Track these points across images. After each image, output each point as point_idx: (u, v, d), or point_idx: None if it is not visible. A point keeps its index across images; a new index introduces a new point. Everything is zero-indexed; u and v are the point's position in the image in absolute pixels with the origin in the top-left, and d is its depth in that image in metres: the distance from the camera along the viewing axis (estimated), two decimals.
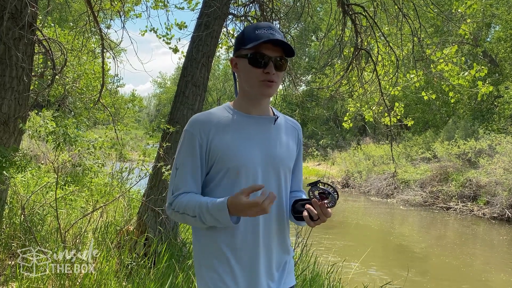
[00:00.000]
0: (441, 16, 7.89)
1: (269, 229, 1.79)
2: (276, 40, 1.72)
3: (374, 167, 22.05)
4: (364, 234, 12.85)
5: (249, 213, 1.58)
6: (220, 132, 1.76)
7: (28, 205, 5.05)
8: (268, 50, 1.73)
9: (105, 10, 7.06)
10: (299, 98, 10.96)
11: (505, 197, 14.38)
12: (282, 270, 1.86)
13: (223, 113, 1.83)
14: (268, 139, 1.82)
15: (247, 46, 1.73)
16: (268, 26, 1.76)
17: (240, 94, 1.87)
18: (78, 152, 4.58)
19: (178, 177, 1.76)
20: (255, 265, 1.75)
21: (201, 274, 1.79)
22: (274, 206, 1.78)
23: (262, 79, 1.74)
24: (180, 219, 1.76)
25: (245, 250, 1.74)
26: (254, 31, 1.74)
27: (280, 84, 1.92)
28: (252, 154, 1.76)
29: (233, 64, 1.85)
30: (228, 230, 1.74)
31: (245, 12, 6.60)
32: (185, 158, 1.76)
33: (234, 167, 1.72)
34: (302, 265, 5.50)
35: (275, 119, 1.87)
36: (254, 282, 1.75)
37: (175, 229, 5.24)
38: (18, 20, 4.36)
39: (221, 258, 1.75)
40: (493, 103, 21.86)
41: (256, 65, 1.74)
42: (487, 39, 25.48)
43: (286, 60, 1.79)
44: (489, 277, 9.06)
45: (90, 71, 9.98)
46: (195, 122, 1.78)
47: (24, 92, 4.50)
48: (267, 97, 1.81)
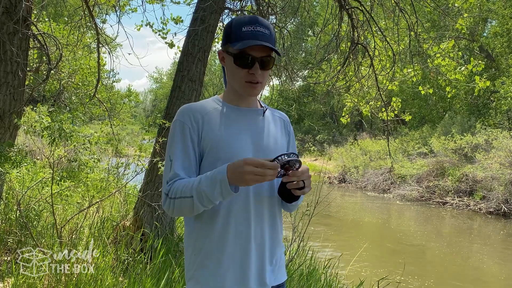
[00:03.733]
0: (437, 10, 7.87)
1: (261, 222, 1.78)
2: (261, 46, 1.70)
3: (370, 162, 22.09)
4: (361, 229, 12.88)
5: (248, 175, 1.53)
6: (210, 123, 1.76)
7: (23, 200, 5.02)
8: (254, 51, 1.72)
9: (101, 4, 7.01)
10: (295, 93, 10.96)
11: (501, 192, 14.43)
12: (275, 264, 1.84)
13: (212, 104, 1.83)
14: (257, 131, 1.82)
15: (233, 44, 1.72)
16: (255, 22, 1.73)
17: (229, 87, 1.87)
18: (74, 147, 4.55)
19: (173, 167, 1.73)
20: (246, 259, 1.74)
21: (191, 269, 1.79)
22: (265, 198, 1.78)
23: (247, 80, 1.74)
24: (177, 208, 1.69)
25: (237, 243, 1.73)
26: (241, 28, 1.72)
27: (267, 81, 1.91)
28: (243, 145, 1.76)
29: (221, 58, 1.85)
30: (219, 224, 1.72)
31: (241, 7, 6.58)
32: (178, 148, 1.74)
33: (225, 158, 1.70)
34: (299, 260, 5.50)
35: (263, 111, 1.87)
36: (244, 277, 1.74)
37: (171, 224, 5.24)
38: (13, 15, 4.33)
39: (212, 253, 1.74)
40: (490, 98, 21.90)
41: (241, 65, 1.73)
42: (484, 34, 25.49)
43: (272, 59, 1.78)
44: (485, 271, 9.10)
45: (86, 66, 9.93)
46: (185, 111, 1.78)
47: (19, 87, 4.47)
48: (251, 97, 1.83)
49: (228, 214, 1.72)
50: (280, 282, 1.87)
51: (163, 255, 4.31)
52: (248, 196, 1.74)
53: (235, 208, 1.72)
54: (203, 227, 1.75)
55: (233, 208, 1.72)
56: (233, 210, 1.72)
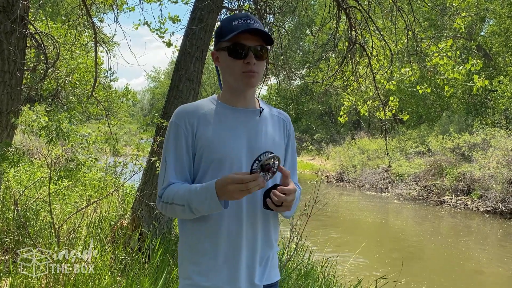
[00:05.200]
0: (435, 10, 7.88)
1: (253, 222, 1.77)
2: (253, 29, 1.71)
3: (368, 161, 22.10)
4: (359, 228, 12.89)
5: (233, 193, 1.55)
6: (205, 123, 1.76)
7: (21, 200, 5.01)
8: (247, 40, 1.72)
9: (98, 3, 7.01)
10: (293, 92, 10.97)
11: (498, 190, 14.45)
12: (265, 264, 1.83)
13: (209, 105, 1.83)
14: (253, 131, 1.81)
15: (225, 38, 1.72)
16: (245, 16, 1.75)
17: (225, 87, 1.86)
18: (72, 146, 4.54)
19: (167, 170, 1.75)
20: (237, 258, 1.74)
21: (184, 266, 1.80)
22: (259, 199, 1.77)
23: (243, 70, 1.74)
24: (170, 211, 1.73)
25: (228, 242, 1.73)
26: (231, 23, 1.73)
27: (263, 74, 1.91)
28: (237, 145, 1.75)
29: (215, 58, 1.84)
30: (212, 223, 1.73)
31: (239, 6, 6.57)
32: (173, 150, 1.75)
33: (219, 158, 1.72)
34: (297, 259, 5.50)
35: (260, 111, 1.86)
36: (234, 275, 1.74)
37: (169, 223, 5.23)
38: (10, 14, 4.32)
39: (204, 251, 1.74)
40: (487, 97, 21.92)
41: (236, 56, 1.73)
42: (481, 33, 25.52)
43: (266, 49, 1.78)
44: (483, 270, 9.12)
45: (83, 65, 9.92)
46: (180, 113, 1.78)
47: (17, 86, 4.46)
48: (250, 88, 1.81)
49: (221, 214, 1.72)
50: (271, 281, 1.86)
51: (161, 255, 4.30)
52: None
53: (227, 208, 1.72)
54: (196, 225, 1.76)
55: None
56: (226, 210, 1.71)
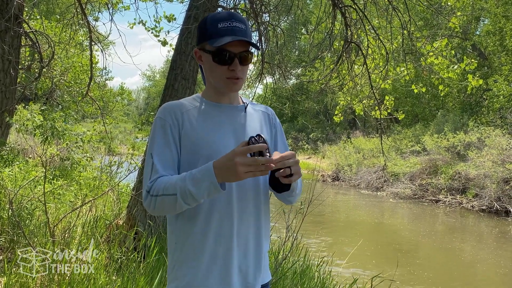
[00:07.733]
0: (430, 9, 7.90)
1: (244, 219, 1.75)
2: (239, 41, 1.69)
3: (364, 160, 22.15)
4: (354, 227, 12.92)
5: (240, 167, 1.50)
6: (191, 120, 1.74)
7: (16, 199, 4.99)
8: (232, 47, 1.70)
9: (93, 2, 6.99)
10: (289, 91, 10.96)
11: (493, 189, 14.51)
12: (258, 264, 1.80)
13: (193, 102, 1.82)
14: (240, 127, 1.80)
15: (210, 42, 1.70)
16: (230, 18, 1.71)
17: (208, 84, 1.85)
18: (66, 145, 4.53)
19: (155, 164, 1.70)
20: (228, 258, 1.71)
21: (173, 267, 1.77)
22: (250, 194, 1.75)
23: (227, 76, 1.73)
24: (158, 206, 1.65)
25: (219, 241, 1.70)
26: (217, 25, 1.70)
27: (246, 77, 1.90)
28: (225, 141, 1.74)
29: (198, 56, 1.82)
30: (201, 220, 1.70)
31: (235, 5, 6.56)
32: (160, 145, 1.72)
33: (207, 154, 1.69)
34: (293, 258, 5.50)
35: (245, 106, 1.86)
36: (227, 276, 1.71)
37: (164, 222, 5.22)
38: (4, 12, 4.30)
39: (194, 251, 1.71)
40: (482, 96, 22.00)
41: (220, 62, 1.72)
42: (476, 32, 25.62)
43: (251, 53, 1.77)
44: (478, 269, 9.16)
45: (78, 64, 9.89)
46: (166, 109, 1.76)
47: (11, 85, 4.45)
48: (234, 92, 1.81)
49: (211, 211, 1.70)
50: (264, 282, 1.84)
51: (157, 254, 4.29)
52: (231, 193, 1.71)
53: (217, 205, 1.70)
54: (185, 224, 1.73)
55: (215, 205, 1.70)
56: (216, 207, 1.70)
